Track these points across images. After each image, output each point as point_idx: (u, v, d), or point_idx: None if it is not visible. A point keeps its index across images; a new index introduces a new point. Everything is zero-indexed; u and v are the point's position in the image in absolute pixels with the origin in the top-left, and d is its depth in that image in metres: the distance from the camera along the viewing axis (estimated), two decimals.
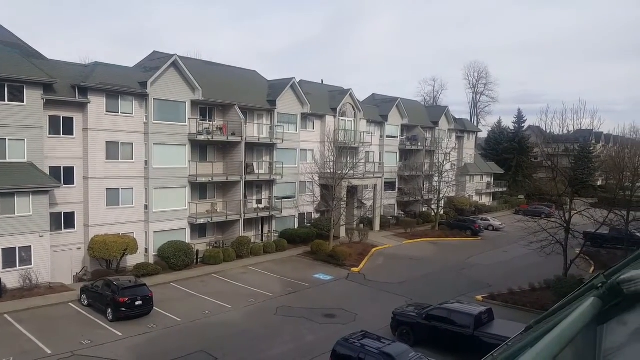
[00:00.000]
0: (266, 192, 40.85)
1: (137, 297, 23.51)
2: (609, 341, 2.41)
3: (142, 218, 32.33)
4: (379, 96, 56.91)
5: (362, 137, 47.26)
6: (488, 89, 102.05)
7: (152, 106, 31.86)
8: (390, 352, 16.53)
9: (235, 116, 36.58)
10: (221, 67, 40.82)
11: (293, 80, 40.85)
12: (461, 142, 67.15)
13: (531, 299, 27.31)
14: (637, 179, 35.64)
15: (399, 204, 55.71)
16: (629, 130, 77.34)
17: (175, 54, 32.95)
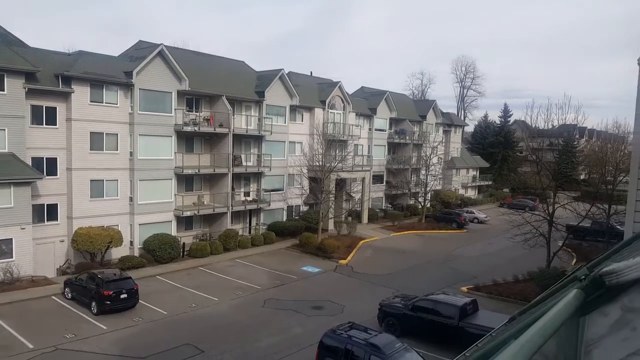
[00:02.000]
0: (254, 184, 40.72)
1: (122, 290, 23.33)
2: (591, 332, 2.44)
3: (127, 210, 32.04)
4: (368, 89, 56.93)
5: (350, 130, 47.28)
6: (475, 84, 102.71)
7: (138, 96, 31.52)
8: (377, 343, 16.65)
9: (222, 107, 36.33)
10: (208, 57, 40.46)
11: (282, 72, 40.65)
12: (448, 135, 67.57)
13: (515, 291, 27.66)
14: (618, 173, 36.18)
15: (387, 197, 55.95)
16: (612, 126, 78.58)
17: (161, 44, 32.59)
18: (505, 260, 35.77)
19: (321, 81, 48.88)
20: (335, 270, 32.78)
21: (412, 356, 16.83)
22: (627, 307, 2.39)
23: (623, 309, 2.40)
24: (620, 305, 2.40)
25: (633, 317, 2.38)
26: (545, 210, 31.17)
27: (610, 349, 2.44)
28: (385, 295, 25.05)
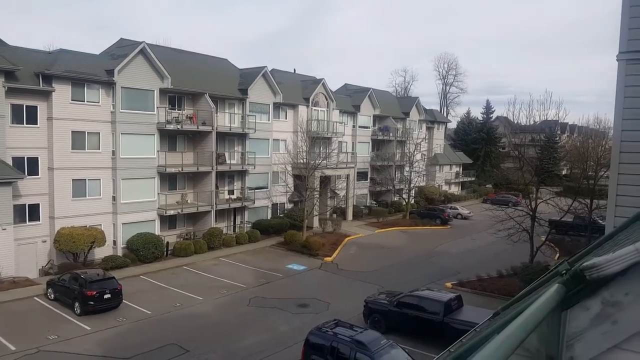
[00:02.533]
0: (238, 182, 40.55)
1: (105, 290, 23.09)
2: (573, 326, 2.48)
3: (110, 209, 31.69)
4: (352, 86, 57.01)
5: (334, 127, 47.31)
6: (457, 80, 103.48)
7: (120, 95, 31.17)
8: (362, 340, 16.71)
9: (205, 105, 36.08)
10: (191, 55, 40.12)
11: (265, 69, 40.50)
12: (431, 132, 68.03)
13: (499, 286, 27.98)
14: (600, 169, 36.73)
15: (371, 194, 56.15)
16: (593, 121, 79.55)
17: (143, 42, 32.24)
18: (489, 256, 36.15)
19: (305, 78, 48.81)
20: (321, 267, 32.82)
21: (398, 352, 16.93)
22: (608, 300, 2.43)
23: (604, 303, 2.45)
24: (601, 299, 2.45)
25: (614, 310, 2.43)
26: (528, 205, 31.55)
27: (592, 343, 2.49)
28: (370, 292, 25.15)
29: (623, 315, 2.40)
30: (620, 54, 7.45)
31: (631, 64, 7.42)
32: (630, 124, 7.48)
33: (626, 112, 7.50)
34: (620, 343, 2.45)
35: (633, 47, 7.33)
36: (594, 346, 2.48)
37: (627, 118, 7.50)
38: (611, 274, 2.34)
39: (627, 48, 7.38)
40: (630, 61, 7.41)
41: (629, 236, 4.76)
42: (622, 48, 7.42)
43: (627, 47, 7.38)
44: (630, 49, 7.36)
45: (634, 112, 7.41)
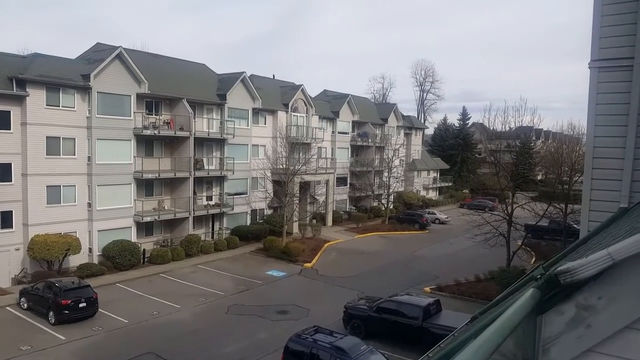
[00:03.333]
0: (217, 188, 40.23)
1: (80, 299, 22.63)
2: (548, 330, 2.51)
3: (86, 216, 31.12)
4: (330, 92, 57.20)
5: (314, 133, 47.35)
6: (434, 87, 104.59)
7: (96, 100, 30.71)
8: (342, 346, 16.70)
9: (183, 110, 35.76)
10: (168, 59, 39.76)
11: (244, 75, 40.36)
12: (409, 138, 68.64)
13: (476, 290, 28.25)
14: (574, 174, 37.47)
15: (351, 199, 56.30)
16: (567, 127, 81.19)
17: (120, 46, 31.85)
18: (467, 260, 36.51)
19: (284, 84, 48.80)
20: (300, 273, 32.72)
21: (377, 358, 16.95)
22: (582, 304, 2.47)
23: (578, 307, 2.48)
24: (575, 303, 2.48)
25: (587, 314, 2.46)
26: (504, 210, 31.99)
27: (567, 347, 2.52)
28: (350, 298, 25.16)
29: (596, 319, 2.44)
30: (592, 61, 7.62)
31: (603, 72, 7.58)
32: (602, 130, 7.64)
33: (599, 119, 7.66)
34: (594, 346, 2.48)
35: (604, 55, 7.50)
36: (569, 350, 2.51)
37: (599, 124, 7.66)
38: (584, 278, 2.38)
39: (598, 56, 7.55)
40: (602, 69, 7.58)
41: (602, 240, 4.85)
42: (594, 56, 7.58)
43: (599, 55, 7.55)
44: (602, 57, 7.53)
45: (606, 119, 7.58)
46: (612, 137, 7.47)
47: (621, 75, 7.36)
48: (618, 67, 7.38)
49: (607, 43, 7.43)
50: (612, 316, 2.41)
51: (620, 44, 7.31)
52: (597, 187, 7.64)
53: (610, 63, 7.46)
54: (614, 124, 7.45)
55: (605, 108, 7.57)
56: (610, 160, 7.48)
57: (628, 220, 5.54)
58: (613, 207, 7.27)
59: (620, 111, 7.38)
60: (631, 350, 2.42)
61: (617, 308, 2.40)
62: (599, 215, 7.32)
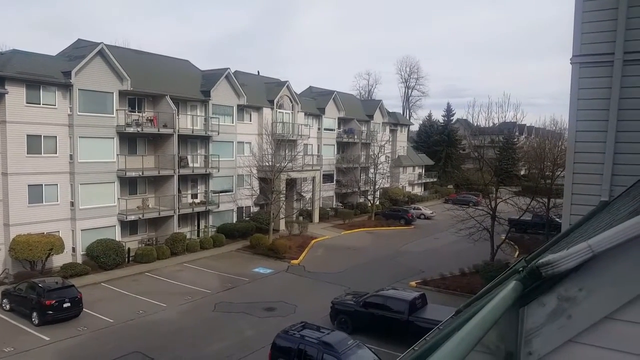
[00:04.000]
0: (202, 186, 39.99)
1: (65, 299, 22.37)
2: (530, 322, 2.55)
3: (69, 215, 30.75)
4: (316, 89, 57.15)
5: (300, 130, 47.29)
6: (419, 84, 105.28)
7: (77, 97, 30.30)
8: (329, 341, 16.75)
9: (166, 107, 35.45)
10: (151, 56, 39.35)
11: (228, 71, 40.12)
12: (394, 134, 68.94)
13: (461, 284, 28.54)
14: (556, 168, 38.01)
15: (337, 196, 56.40)
16: (549, 123, 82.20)
17: (101, 43, 31.44)
18: (452, 254, 36.82)
19: (269, 81, 48.62)
20: (287, 270, 32.72)
21: (364, 352, 17.04)
22: (563, 296, 2.51)
23: (559, 299, 2.52)
24: (557, 295, 2.53)
25: (568, 305, 2.51)
26: (488, 205, 32.34)
27: (549, 338, 2.56)
28: (337, 294, 25.23)
29: (577, 310, 2.48)
30: (574, 57, 7.71)
31: (584, 67, 7.68)
32: (584, 125, 7.74)
33: (580, 114, 7.76)
34: (575, 337, 2.53)
35: (586, 50, 7.60)
36: (550, 341, 2.55)
37: (581, 119, 7.76)
38: (565, 270, 2.42)
39: (580, 51, 7.64)
40: (584, 64, 7.67)
41: (583, 233, 4.93)
42: (576, 51, 7.67)
43: (581, 50, 7.64)
44: (584, 53, 7.62)
45: (588, 114, 7.68)
46: (593, 132, 7.58)
47: (602, 71, 7.46)
48: (599, 62, 7.48)
49: (588, 39, 7.53)
50: (592, 307, 2.46)
51: (601, 40, 7.41)
52: (579, 181, 7.75)
53: (591, 59, 7.55)
54: (595, 119, 7.56)
55: (587, 103, 7.67)
56: (592, 154, 7.59)
57: (608, 213, 5.64)
58: (594, 200, 7.39)
59: (601, 106, 7.49)
60: (610, 339, 2.47)
61: (597, 299, 2.44)
62: (580, 209, 7.43)
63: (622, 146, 7.33)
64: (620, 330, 2.45)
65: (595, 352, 2.51)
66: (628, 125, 7.29)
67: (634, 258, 2.36)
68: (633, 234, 2.29)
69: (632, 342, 2.44)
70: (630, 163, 7.25)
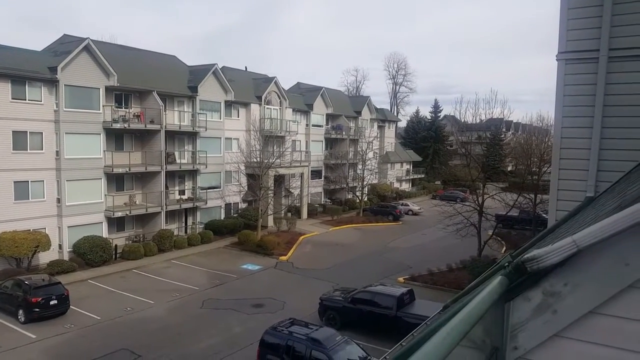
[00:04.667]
0: (189, 182, 39.77)
1: (51, 296, 22.18)
2: (516, 317, 2.57)
3: (55, 212, 30.44)
4: (304, 85, 57.04)
5: (288, 126, 47.19)
6: (407, 80, 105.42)
7: (63, 93, 29.96)
8: (318, 337, 16.79)
9: (153, 103, 35.16)
10: (138, 51, 38.97)
11: (215, 66, 39.87)
12: (382, 131, 69.10)
13: (449, 279, 28.74)
14: (543, 164, 38.36)
15: (326, 192, 56.43)
16: (536, 119, 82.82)
17: (87, 38, 31.08)
18: (439, 250, 37.05)
19: (256, 76, 48.42)
20: (276, 267, 32.70)
21: (353, 348, 17.11)
22: (548, 291, 2.54)
23: (544, 294, 2.55)
24: (542, 290, 2.55)
25: (553, 300, 2.53)
26: (475, 201, 32.57)
27: (534, 332, 2.59)
28: (325, 290, 25.27)
29: (562, 305, 2.51)
30: (560, 53, 7.76)
31: (570, 64, 7.74)
32: (569, 121, 7.81)
33: (566, 110, 7.83)
34: (560, 331, 2.56)
35: (571, 47, 7.65)
36: (536, 335, 2.58)
37: (566, 115, 7.83)
38: (550, 265, 2.44)
39: (565, 48, 7.70)
40: (569, 61, 7.73)
41: (568, 229, 4.98)
42: (562, 48, 7.73)
43: (566, 47, 7.69)
44: (569, 49, 7.68)
45: (573, 110, 7.75)
46: (579, 128, 7.65)
47: (587, 68, 7.52)
48: (584, 59, 7.54)
49: (574, 36, 7.58)
50: (577, 301, 2.49)
51: (586, 37, 7.47)
52: (565, 177, 7.82)
53: (576, 55, 7.61)
54: (580, 115, 7.62)
55: (572, 100, 7.73)
56: (577, 150, 7.66)
57: (594, 209, 5.70)
58: (580, 196, 7.46)
59: (587, 102, 7.55)
60: (595, 334, 2.50)
61: (582, 294, 2.47)
62: (566, 205, 7.50)
63: (607, 142, 7.41)
64: (605, 324, 2.48)
65: (580, 346, 2.54)
66: (613, 121, 7.37)
67: (617, 253, 2.40)
68: (616, 229, 2.32)
69: (616, 337, 2.48)
70: (615, 159, 7.33)
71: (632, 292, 2.41)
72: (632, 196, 3.42)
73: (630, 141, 7.24)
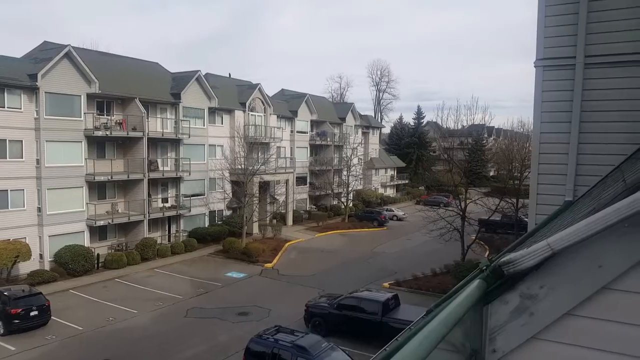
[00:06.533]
0: (172, 190, 39.44)
1: (32, 307, 21.78)
2: (494, 320, 2.61)
3: (35, 221, 29.94)
4: (288, 92, 57.09)
5: (272, 133, 47.14)
6: (390, 87, 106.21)
7: (44, 100, 29.57)
8: (303, 344, 16.75)
9: (136, 110, 34.86)
10: (120, 58, 38.65)
11: (199, 73, 39.71)
12: (367, 137, 69.43)
13: (433, 284, 28.89)
14: (524, 169, 38.86)
15: (311, 198, 56.42)
16: (517, 125, 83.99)
17: (68, 45, 30.76)
18: (423, 255, 37.23)
19: (240, 83, 48.33)
20: (261, 274, 32.54)
21: (338, 355, 17.09)
22: (525, 294, 2.58)
23: (521, 296, 2.59)
24: (519, 293, 2.60)
25: (530, 303, 2.58)
26: (458, 206, 32.84)
27: (512, 335, 2.63)
28: (311, 296, 25.20)
29: (539, 307, 2.56)
30: (538, 60, 7.90)
31: (548, 70, 7.88)
32: (548, 127, 7.94)
33: (544, 116, 7.96)
34: (538, 333, 2.60)
35: (549, 54, 7.80)
36: (514, 338, 2.62)
37: (545, 121, 7.96)
38: (526, 268, 2.49)
39: (543, 55, 7.84)
40: (547, 67, 7.87)
41: (547, 232, 5.07)
42: (539, 55, 7.87)
43: (544, 54, 7.84)
44: (547, 56, 7.83)
45: (551, 116, 7.88)
46: (557, 134, 7.78)
47: (564, 74, 7.67)
48: (561, 66, 7.69)
49: (551, 43, 7.73)
50: (553, 304, 2.54)
51: (563, 44, 7.62)
52: (544, 181, 7.94)
53: (554, 62, 7.76)
54: (558, 120, 7.76)
55: (550, 106, 7.87)
56: (556, 155, 7.79)
57: (571, 212, 5.81)
58: (559, 200, 7.58)
59: (564, 108, 7.69)
60: (571, 335, 2.55)
61: (557, 296, 2.52)
62: (545, 209, 7.61)
63: (585, 147, 7.55)
64: (581, 325, 2.54)
65: (557, 348, 2.59)
66: (590, 126, 7.52)
67: (591, 255, 2.46)
68: (589, 232, 2.38)
69: (591, 337, 2.53)
70: (593, 163, 7.47)
71: (606, 294, 2.47)
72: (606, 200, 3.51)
73: (607, 146, 7.39)
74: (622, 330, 2.44)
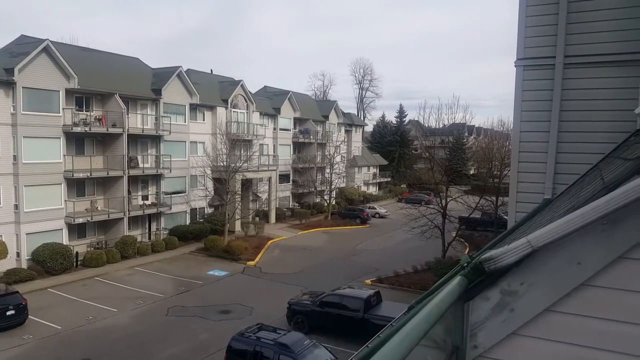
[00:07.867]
0: (153, 187, 39.01)
1: (8, 306, 21.38)
2: (475, 316, 2.64)
3: (12, 219, 29.35)
4: (271, 89, 56.89)
5: (255, 130, 46.95)
6: (373, 85, 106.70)
7: (21, 95, 28.98)
8: (285, 342, 16.74)
9: (115, 106, 34.38)
10: (100, 53, 38.02)
11: (180, 69, 39.31)
12: (350, 135, 69.60)
13: (414, 280, 29.13)
14: (504, 168, 39.39)
15: (294, 196, 56.38)
16: (497, 124, 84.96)
17: (47, 39, 30.18)
18: (405, 252, 37.49)
19: (222, 79, 47.99)
20: (243, 272, 32.42)
21: (321, 352, 17.12)
22: (506, 290, 2.61)
23: (502, 293, 2.62)
24: (500, 289, 2.62)
25: (511, 299, 2.61)
26: (439, 203, 33.14)
27: (493, 331, 2.66)
28: (294, 294, 25.21)
29: (519, 304, 2.59)
30: (518, 60, 8.01)
31: (528, 70, 7.99)
32: (527, 126, 8.05)
33: (524, 115, 8.07)
34: (518, 329, 2.63)
35: (529, 54, 7.91)
36: (494, 334, 2.65)
37: (524, 120, 8.07)
38: (507, 265, 2.52)
39: (524, 55, 7.95)
40: (527, 67, 7.98)
41: (526, 230, 5.13)
42: (520, 55, 7.97)
43: (524, 54, 7.94)
44: (527, 56, 7.93)
45: (531, 115, 8.00)
46: (537, 132, 7.89)
47: (544, 74, 7.78)
48: (541, 65, 7.80)
49: (531, 43, 7.84)
50: (533, 300, 2.57)
51: (543, 44, 7.73)
52: (523, 179, 8.05)
53: (534, 62, 7.87)
54: (538, 119, 7.87)
55: (530, 105, 7.98)
56: (535, 154, 7.91)
57: (550, 210, 5.89)
58: (538, 198, 7.69)
59: (544, 108, 7.81)
60: (551, 331, 2.59)
61: (537, 292, 2.55)
62: (525, 207, 7.72)
63: (564, 146, 7.68)
64: (560, 322, 2.57)
65: (537, 343, 2.62)
66: (569, 125, 7.65)
67: (570, 253, 2.49)
68: (568, 229, 2.41)
69: (570, 333, 2.57)
70: (571, 162, 7.59)
71: (584, 290, 2.51)
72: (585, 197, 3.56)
73: (586, 144, 7.52)
74: (600, 326, 2.48)
